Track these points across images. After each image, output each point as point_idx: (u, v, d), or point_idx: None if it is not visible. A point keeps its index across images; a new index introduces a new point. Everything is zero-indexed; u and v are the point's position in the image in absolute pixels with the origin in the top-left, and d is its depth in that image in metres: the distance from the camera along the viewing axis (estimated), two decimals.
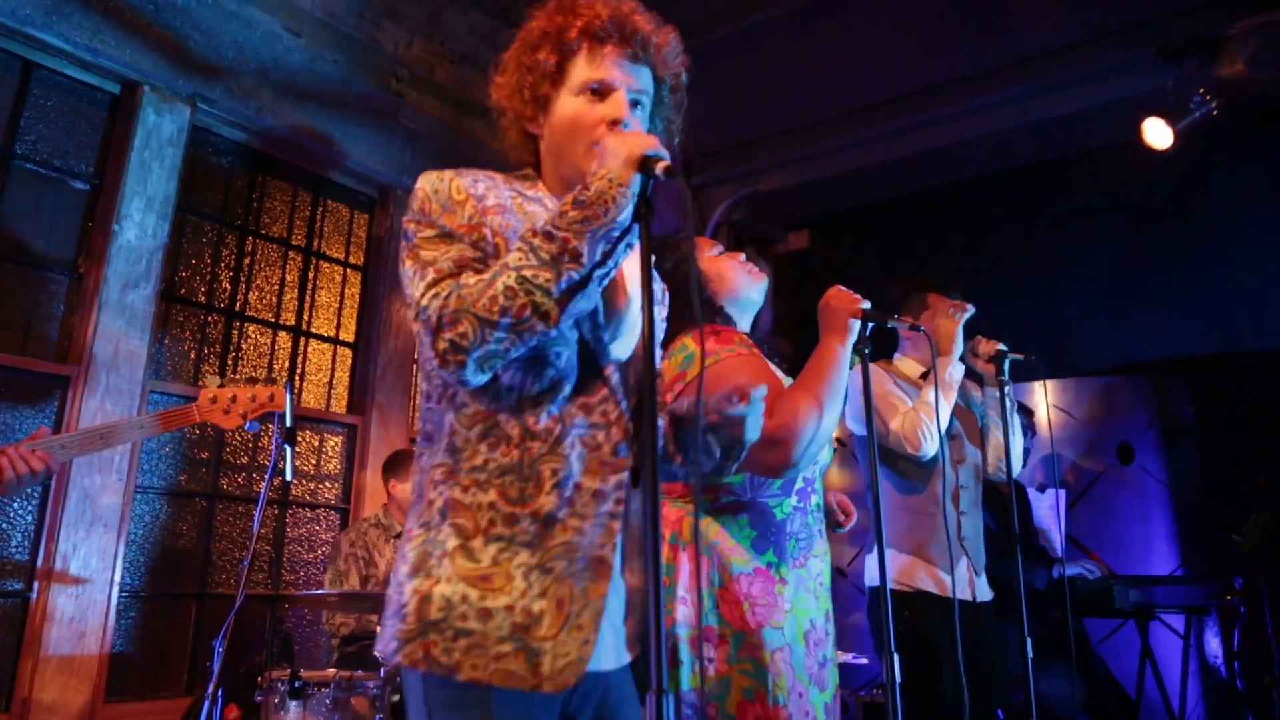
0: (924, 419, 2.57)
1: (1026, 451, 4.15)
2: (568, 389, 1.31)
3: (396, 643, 1.23)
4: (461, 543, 1.25)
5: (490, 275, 1.21)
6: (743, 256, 2.12)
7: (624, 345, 1.42)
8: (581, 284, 1.20)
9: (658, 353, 1.57)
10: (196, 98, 3.85)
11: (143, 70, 3.66)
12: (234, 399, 2.41)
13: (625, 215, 1.20)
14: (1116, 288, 4.79)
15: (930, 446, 2.56)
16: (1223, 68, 4.01)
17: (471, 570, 1.24)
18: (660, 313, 1.61)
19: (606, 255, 1.21)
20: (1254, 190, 4.48)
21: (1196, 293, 4.59)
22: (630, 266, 1.47)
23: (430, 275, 1.26)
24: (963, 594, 2.60)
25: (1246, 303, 4.46)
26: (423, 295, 1.24)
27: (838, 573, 2.73)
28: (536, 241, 1.20)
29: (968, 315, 2.65)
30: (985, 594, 2.70)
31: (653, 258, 1.27)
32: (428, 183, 1.36)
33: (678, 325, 1.94)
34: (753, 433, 1.41)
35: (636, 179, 1.21)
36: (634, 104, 1.40)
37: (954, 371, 2.66)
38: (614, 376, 1.35)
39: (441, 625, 1.22)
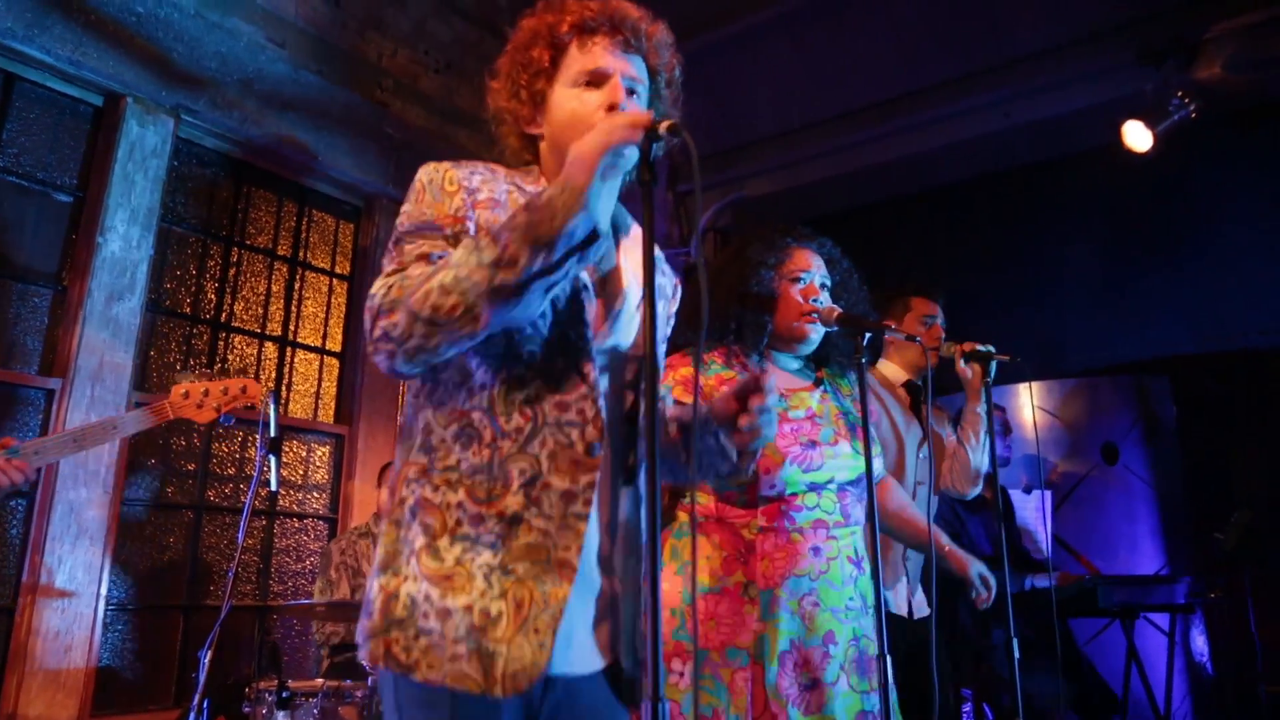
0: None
1: (1006, 461, 4.17)
2: (541, 385, 1.30)
3: (362, 638, 1.27)
4: (428, 541, 1.26)
5: (434, 269, 1.20)
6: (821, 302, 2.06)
7: (616, 340, 1.40)
8: (515, 291, 1.16)
9: (661, 345, 1.55)
10: (180, 109, 3.85)
11: (126, 82, 3.66)
12: (206, 393, 2.41)
13: (574, 225, 1.15)
14: (1099, 289, 4.82)
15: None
16: (1200, 71, 4.05)
17: (436, 569, 1.25)
18: (668, 308, 1.58)
19: (551, 267, 1.17)
20: (1233, 191, 4.52)
21: (1178, 293, 4.62)
22: (630, 260, 1.45)
23: (391, 266, 1.27)
24: (899, 611, 2.63)
25: (1227, 302, 4.50)
26: (378, 282, 1.24)
27: None
28: (484, 240, 1.18)
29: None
30: (924, 611, 2.70)
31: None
32: (425, 173, 1.35)
33: (692, 331, 1.93)
34: (770, 430, 1.36)
35: (596, 187, 1.16)
36: (630, 92, 1.40)
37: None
38: (594, 373, 1.32)
39: (404, 623, 1.23)
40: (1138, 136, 4.10)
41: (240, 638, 3.93)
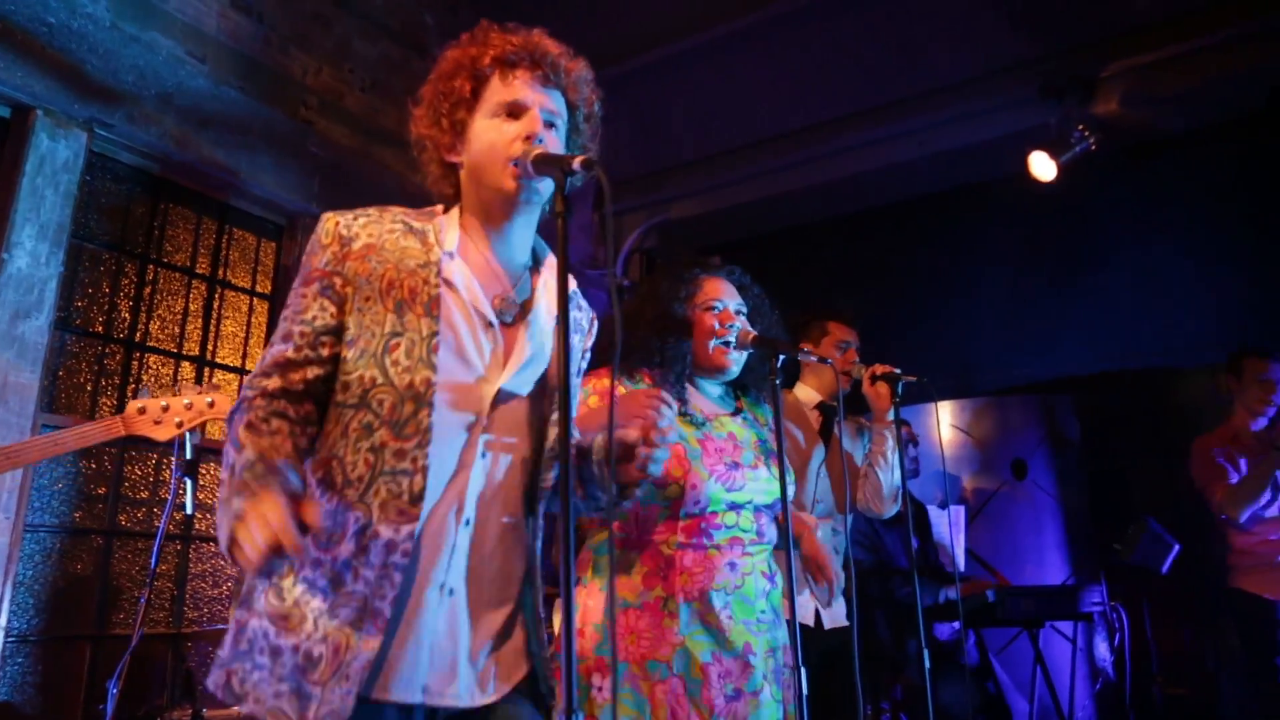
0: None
1: (915, 473, 4.31)
2: (386, 433, 1.33)
3: (213, 666, 1.34)
4: (277, 581, 1.32)
5: (243, 454, 1.31)
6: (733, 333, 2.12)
7: (527, 373, 1.43)
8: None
9: (575, 378, 1.58)
10: (94, 123, 3.74)
11: (36, 94, 3.55)
12: (166, 408, 2.31)
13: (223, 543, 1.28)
14: (1008, 312, 5.03)
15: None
16: (1099, 106, 4.30)
17: (276, 608, 1.31)
18: (584, 342, 1.59)
19: None
20: (1131, 220, 4.77)
21: (1080, 316, 4.85)
22: (547, 294, 1.48)
23: (268, 355, 1.40)
24: (805, 620, 2.69)
25: (1125, 324, 4.74)
26: (255, 370, 1.41)
27: None
28: (233, 489, 1.28)
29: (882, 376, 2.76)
30: (832, 622, 2.76)
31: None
32: (319, 222, 1.49)
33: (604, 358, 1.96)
34: (656, 468, 1.42)
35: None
36: (549, 124, 1.45)
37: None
38: (431, 419, 1.33)
39: (244, 656, 1.31)
40: (1042, 166, 4.31)
41: (153, 667, 3.80)
